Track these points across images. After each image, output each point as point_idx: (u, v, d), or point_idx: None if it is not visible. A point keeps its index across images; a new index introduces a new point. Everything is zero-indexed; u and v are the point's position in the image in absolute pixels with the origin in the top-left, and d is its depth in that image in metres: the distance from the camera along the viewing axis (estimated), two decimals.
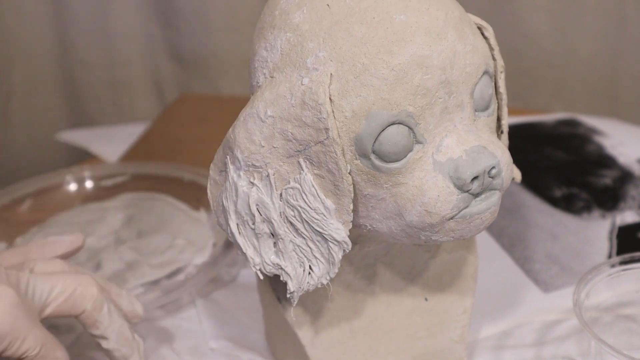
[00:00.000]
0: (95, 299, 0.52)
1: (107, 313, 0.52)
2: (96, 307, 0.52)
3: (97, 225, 0.73)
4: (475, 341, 0.60)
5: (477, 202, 0.46)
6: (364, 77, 0.44)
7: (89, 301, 0.51)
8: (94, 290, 0.52)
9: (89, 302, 0.51)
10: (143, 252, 0.69)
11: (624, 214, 0.74)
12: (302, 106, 0.44)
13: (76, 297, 0.51)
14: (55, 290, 0.51)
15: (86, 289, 0.52)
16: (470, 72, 0.46)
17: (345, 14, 0.45)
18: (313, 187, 0.46)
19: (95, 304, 0.52)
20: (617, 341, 0.59)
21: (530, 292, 0.65)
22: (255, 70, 0.48)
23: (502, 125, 0.51)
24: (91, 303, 0.51)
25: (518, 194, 0.78)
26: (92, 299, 0.51)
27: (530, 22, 1.07)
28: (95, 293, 0.52)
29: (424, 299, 0.55)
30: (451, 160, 0.45)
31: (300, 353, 0.54)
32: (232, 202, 0.47)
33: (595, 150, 0.85)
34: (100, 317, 0.52)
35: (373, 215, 0.47)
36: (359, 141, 0.44)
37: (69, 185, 0.80)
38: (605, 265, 0.59)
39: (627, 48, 1.05)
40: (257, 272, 0.48)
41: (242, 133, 0.46)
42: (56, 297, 0.51)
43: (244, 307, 0.65)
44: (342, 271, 0.51)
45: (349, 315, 0.54)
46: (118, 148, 0.92)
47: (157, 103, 1.25)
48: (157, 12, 1.19)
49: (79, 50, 1.22)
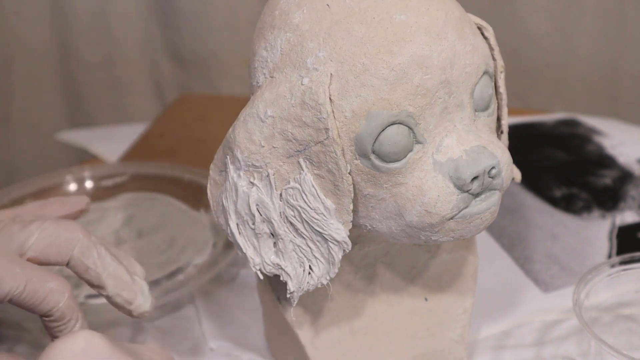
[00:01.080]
0: (82, 243, 0.49)
1: (97, 258, 0.49)
2: (84, 252, 0.49)
3: (97, 225, 0.73)
4: (475, 341, 0.60)
5: (477, 202, 0.46)
6: (364, 77, 0.44)
7: (75, 245, 0.49)
8: (79, 234, 0.49)
9: (76, 246, 0.49)
10: (143, 252, 0.69)
11: (624, 214, 0.74)
12: (302, 106, 0.44)
13: (61, 242, 0.48)
14: (34, 235, 0.48)
15: (71, 234, 0.49)
16: (470, 72, 0.46)
17: (345, 14, 0.45)
18: (313, 187, 0.46)
19: (83, 249, 0.49)
20: (617, 341, 0.59)
21: (530, 292, 0.65)
22: (255, 70, 0.48)
23: (502, 125, 0.51)
24: (78, 247, 0.49)
25: (518, 194, 0.78)
26: (78, 243, 0.49)
27: (530, 22, 1.07)
28: (80, 237, 0.49)
29: (424, 299, 0.55)
30: (451, 160, 0.45)
31: (300, 353, 0.54)
32: (232, 202, 0.47)
33: (595, 150, 0.85)
34: (91, 263, 0.49)
35: (373, 215, 0.47)
36: (359, 141, 0.44)
37: (69, 185, 0.79)
38: (605, 265, 0.59)
39: (627, 48, 1.05)
40: (257, 272, 0.48)
41: (242, 133, 0.46)
42: (37, 242, 0.48)
43: (244, 307, 0.65)
44: (342, 271, 0.51)
45: (349, 315, 0.54)
46: (118, 148, 0.92)
47: (157, 103, 1.25)
48: (157, 12, 1.19)
49: (79, 50, 1.22)
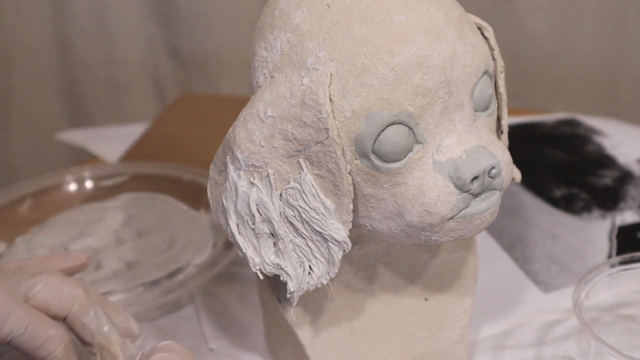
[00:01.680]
0: (82, 301, 0.51)
1: (93, 317, 0.52)
2: (82, 310, 0.51)
3: (97, 225, 0.73)
4: (475, 341, 0.60)
5: (477, 202, 0.46)
6: (364, 77, 0.44)
7: (76, 301, 0.51)
8: (81, 292, 0.52)
9: (76, 302, 0.51)
10: (143, 252, 0.69)
11: (624, 214, 0.74)
12: (302, 106, 0.44)
13: (63, 295, 0.51)
14: (39, 285, 0.51)
15: (73, 290, 0.52)
16: (470, 72, 0.46)
17: (345, 14, 0.45)
18: (313, 187, 0.46)
19: (82, 306, 0.51)
20: (617, 341, 0.59)
21: (530, 292, 0.65)
22: (255, 70, 0.48)
23: (502, 125, 0.51)
24: (77, 304, 0.51)
25: (518, 194, 0.78)
26: (78, 299, 0.51)
27: (530, 22, 1.07)
28: (82, 294, 0.52)
29: (424, 299, 0.55)
30: (451, 160, 0.45)
31: (300, 353, 0.54)
32: (232, 202, 0.47)
33: (595, 150, 0.85)
34: (87, 320, 0.52)
35: (373, 215, 0.47)
36: (359, 141, 0.44)
37: (69, 185, 0.79)
38: (605, 265, 0.59)
39: (627, 48, 1.05)
40: (257, 272, 0.48)
41: (242, 133, 0.46)
42: (41, 292, 0.50)
43: (244, 307, 0.65)
44: (342, 271, 0.51)
45: (349, 315, 0.54)
46: (118, 148, 0.92)
47: (157, 103, 1.25)
48: (157, 12, 1.19)
49: (79, 50, 1.22)
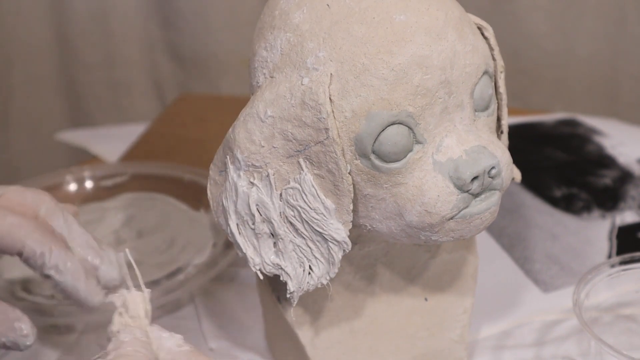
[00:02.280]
0: (49, 205, 0.50)
1: (64, 223, 0.50)
2: (50, 215, 0.50)
3: (97, 225, 0.73)
4: (475, 341, 0.60)
5: (477, 202, 0.46)
6: (364, 77, 0.44)
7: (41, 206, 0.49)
8: (46, 197, 0.50)
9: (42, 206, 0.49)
10: (143, 252, 0.69)
11: (623, 214, 0.74)
12: (302, 106, 0.44)
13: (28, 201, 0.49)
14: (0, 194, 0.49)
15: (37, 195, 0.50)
16: (470, 72, 0.46)
17: (345, 14, 0.45)
18: (313, 187, 0.45)
19: (49, 211, 0.50)
20: (617, 341, 0.59)
21: (530, 292, 0.65)
22: (255, 70, 0.48)
23: (502, 125, 0.51)
24: (44, 208, 0.49)
25: (518, 194, 0.78)
26: (44, 204, 0.50)
27: (530, 22, 1.07)
28: (47, 199, 0.50)
29: (424, 299, 0.55)
30: (451, 160, 0.45)
31: (300, 353, 0.54)
32: (232, 202, 0.47)
33: (595, 150, 0.85)
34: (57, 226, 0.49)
35: (373, 215, 0.47)
36: (359, 141, 0.44)
37: (69, 185, 0.79)
38: (605, 265, 0.59)
39: (627, 48, 1.05)
40: (257, 272, 0.48)
41: (242, 133, 0.46)
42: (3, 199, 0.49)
43: (244, 307, 0.65)
44: (342, 271, 0.51)
45: (349, 315, 0.54)
46: (118, 148, 0.92)
47: (157, 103, 1.25)
48: (157, 12, 1.19)
49: (79, 50, 1.22)
